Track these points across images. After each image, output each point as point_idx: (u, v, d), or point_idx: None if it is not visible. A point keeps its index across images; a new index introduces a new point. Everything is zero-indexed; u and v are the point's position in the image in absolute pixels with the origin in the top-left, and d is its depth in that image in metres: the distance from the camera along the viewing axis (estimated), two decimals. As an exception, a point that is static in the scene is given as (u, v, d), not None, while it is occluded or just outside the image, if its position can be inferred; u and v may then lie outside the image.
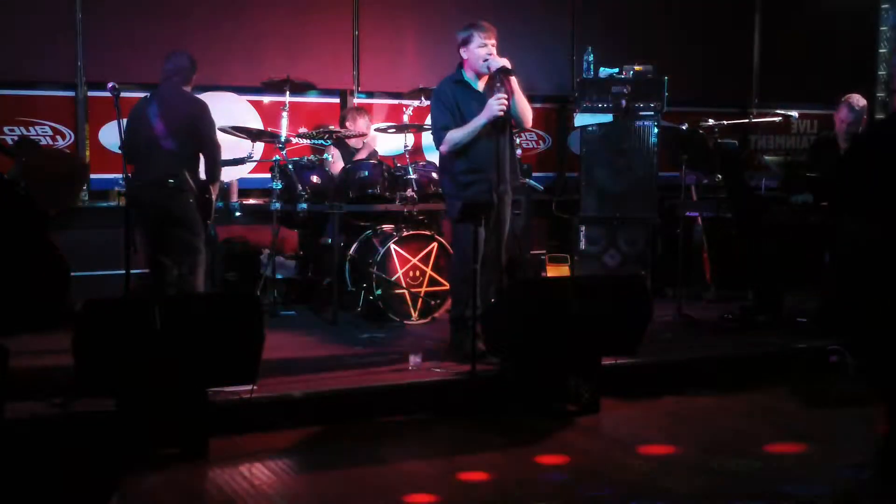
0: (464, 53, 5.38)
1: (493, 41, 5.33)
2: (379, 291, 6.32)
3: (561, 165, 8.62)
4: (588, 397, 4.83)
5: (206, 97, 7.31)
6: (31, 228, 5.22)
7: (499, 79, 5.21)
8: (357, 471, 4.04)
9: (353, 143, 7.21)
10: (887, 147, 4.42)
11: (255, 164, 6.95)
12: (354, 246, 6.66)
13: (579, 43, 8.27)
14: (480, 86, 5.44)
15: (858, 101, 6.53)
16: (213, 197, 5.81)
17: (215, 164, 5.78)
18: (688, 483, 3.88)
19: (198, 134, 5.67)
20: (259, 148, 6.74)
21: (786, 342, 6.02)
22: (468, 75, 5.42)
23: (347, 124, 7.14)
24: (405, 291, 6.43)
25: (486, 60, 5.26)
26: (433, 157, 7.61)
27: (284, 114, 6.56)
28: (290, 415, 4.55)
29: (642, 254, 7.48)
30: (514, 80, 5.21)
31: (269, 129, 6.90)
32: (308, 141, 6.95)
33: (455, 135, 5.29)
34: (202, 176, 5.75)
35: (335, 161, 6.82)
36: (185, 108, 5.68)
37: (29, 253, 5.13)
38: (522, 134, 8.22)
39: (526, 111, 5.38)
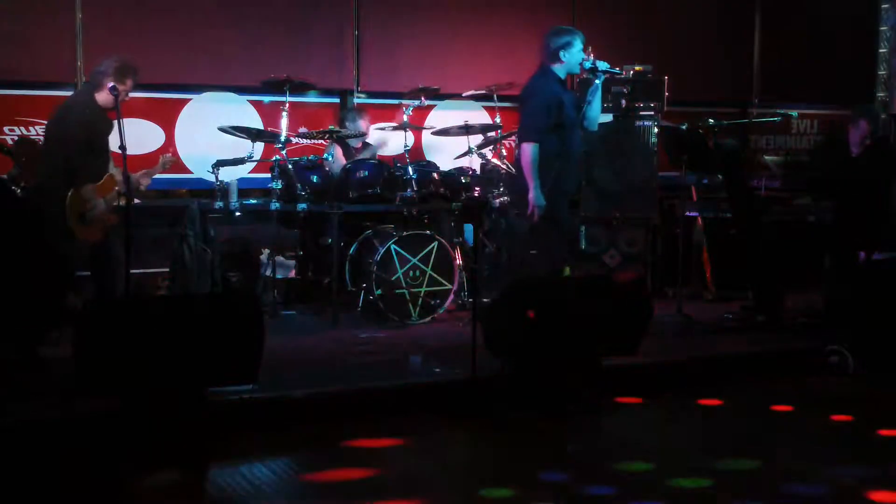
0: (564, 56, 5.65)
1: None
2: (379, 291, 6.32)
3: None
4: (588, 397, 4.83)
5: (206, 97, 7.36)
6: (30, 228, 5.21)
7: (597, 80, 5.67)
8: (357, 471, 4.04)
9: (353, 143, 7.21)
10: None
11: (255, 164, 6.95)
12: (354, 246, 6.65)
13: (579, 43, 8.26)
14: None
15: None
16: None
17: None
18: (688, 483, 3.88)
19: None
20: (259, 148, 6.74)
21: (786, 342, 6.03)
22: (560, 74, 5.73)
23: (347, 125, 7.13)
24: (405, 291, 6.43)
25: (587, 61, 5.63)
26: (433, 157, 7.62)
27: (284, 114, 6.56)
28: (290, 415, 4.55)
29: (642, 254, 7.49)
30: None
31: (269, 129, 6.89)
32: (308, 141, 6.95)
33: (535, 161, 5.51)
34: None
35: (335, 161, 6.82)
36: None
37: (27, 253, 5.13)
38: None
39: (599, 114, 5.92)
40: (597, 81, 5.69)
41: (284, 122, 6.54)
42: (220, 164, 6.51)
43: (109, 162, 5.65)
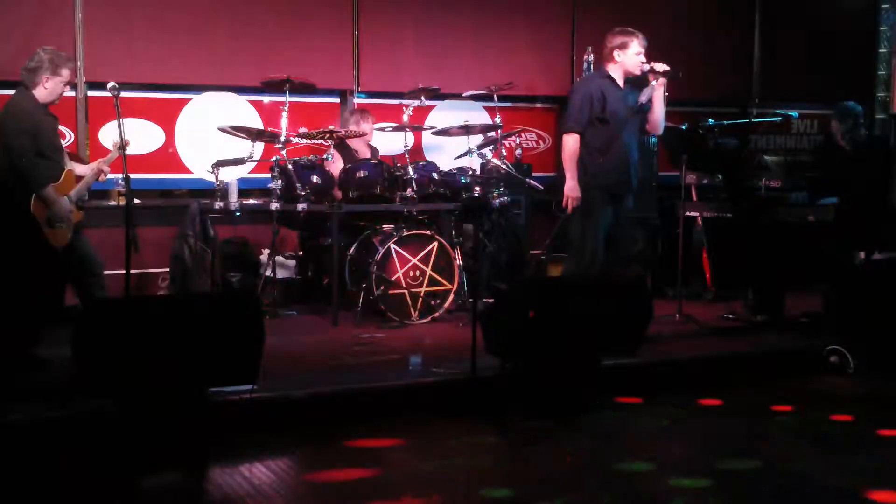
0: (618, 56, 5.78)
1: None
2: (379, 291, 6.32)
3: (561, 165, 8.61)
4: (588, 397, 4.83)
5: (206, 97, 7.37)
6: (27, 228, 5.22)
7: (656, 79, 5.71)
8: (357, 471, 4.04)
9: (354, 145, 7.20)
10: None
11: (255, 164, 6.95)
12: (354, 246, 6.65)
13: (579, 43, 8.27)
14: (621, 83, 5.83)
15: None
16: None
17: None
18: (688, 483, 3.88)
19: None
20: (259, 148, 6.74)
21: (786, 342, 6.03)
22: (615, 74, 5.78)
23: (351, 126, 7.13)
24: (405, 291, 6.43)
25: (645, 63, 5.70)
26: (433, 156, 7.62)
27: (284, 114, 6.56)
28: (290, 415, 4.55)
29: (642, 254, 7.48)
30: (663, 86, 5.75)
31: (269, 129, 6.89)
32: (308, 141, 6.95)
33: (574, 152, 5.73)
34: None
35: (335, 161, 6.82)
36: None
37: (24, 252, 5.13)
38: (523, 134, 8.23)
39: (663, 118, 5.91)
40: (653, 83, 5.72)
41: (284, 122, 6.54)
42: (220, 164, 6.51)
43: (64, 157, 5.59)
